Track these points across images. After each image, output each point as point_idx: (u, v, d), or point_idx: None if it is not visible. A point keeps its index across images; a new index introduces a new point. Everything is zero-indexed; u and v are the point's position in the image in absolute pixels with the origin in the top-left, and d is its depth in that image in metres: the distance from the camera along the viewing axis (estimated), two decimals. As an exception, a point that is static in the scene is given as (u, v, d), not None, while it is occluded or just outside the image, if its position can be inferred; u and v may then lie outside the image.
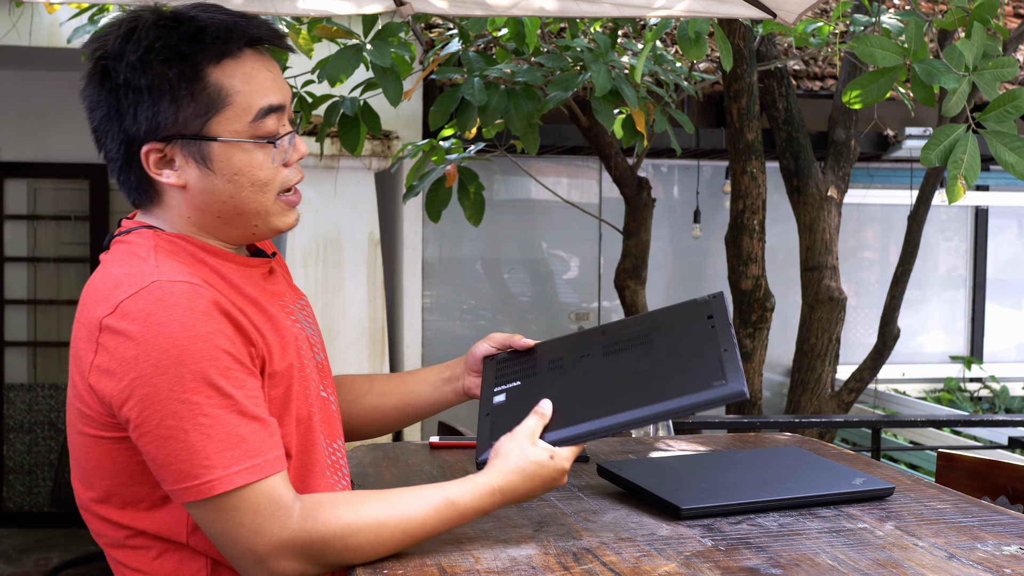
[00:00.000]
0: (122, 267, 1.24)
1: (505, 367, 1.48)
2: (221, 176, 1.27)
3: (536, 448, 1.27)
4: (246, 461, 1.17)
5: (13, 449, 5.79)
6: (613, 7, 2.60)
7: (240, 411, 1.18)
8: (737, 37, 3.87)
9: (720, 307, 1.40)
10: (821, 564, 1.17)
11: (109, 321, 1.18)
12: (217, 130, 1.26)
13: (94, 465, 1.26)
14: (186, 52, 1.24)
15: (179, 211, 1.31)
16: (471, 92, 3.01)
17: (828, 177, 4.54)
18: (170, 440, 1.16)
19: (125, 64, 1.24)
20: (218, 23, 1.26)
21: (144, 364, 1.15)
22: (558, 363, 1.42)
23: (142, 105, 1.24)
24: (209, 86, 1.25)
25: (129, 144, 1.27)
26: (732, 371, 1.27)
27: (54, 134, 5.91)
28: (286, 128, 1.32)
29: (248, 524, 1.17)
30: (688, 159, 6.09)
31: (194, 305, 1.18)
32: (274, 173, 1.30)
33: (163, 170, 1.28)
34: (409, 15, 2.54)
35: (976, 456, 1.91)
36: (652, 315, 1.46)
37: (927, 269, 6.66)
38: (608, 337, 1.43)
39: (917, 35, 2.51)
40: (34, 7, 4.70)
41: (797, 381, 4.54)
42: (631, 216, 4.40)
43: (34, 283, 5.97)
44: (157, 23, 1.25)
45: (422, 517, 1.22)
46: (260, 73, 1.28)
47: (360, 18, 2.95)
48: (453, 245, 5.93)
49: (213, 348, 1.17)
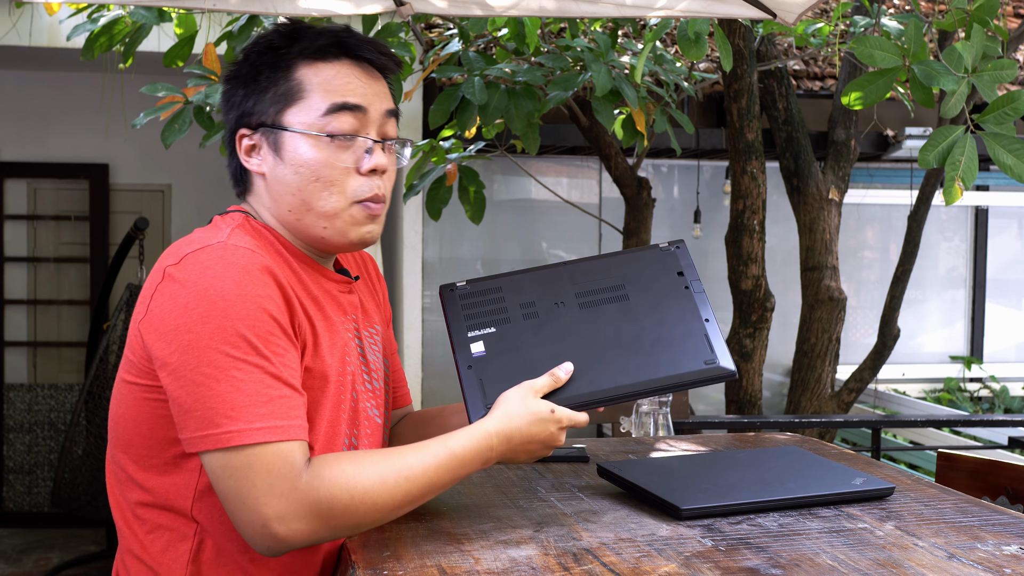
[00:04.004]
0: (203, 232, 1.31)
1: (470, 303, 1.42)
2: (289, 166, 1.33)
3: (537, 401, 1.28)
4: (270, 420, 1.18)
5: (13, 449, 5.79)
6: (613, 7, 2.60)
7: (274, 375, 1.20)
8: (737, 37, 3.88)
9: (686, 259, 1.43)
10: (821, 564, 1.17)
11: (172, 270, 1.23)
12: (289, 120, 1.32)
13: (123, 411, 1.31)
14: (278, 46, 1.34)
15: (263, 200, 1.37)
16: (471, 92, 3.01)
17: (828, 177, 4.54)
18: (201, 387, 1.18)
19: (239, 61, 1.38)
20: (321, 29, 1.36)
21: (192, 312, 1.19)
22: (530, 308, 1.39)
23: (237, 93, 1.36)
24: (293, 79, 1.33)
25: (232, 132, 1.37)
26: (719, 347, 1.34)
27: (54, 134, 5.92)
28: (367, 134, 1.34)
29: (259, 484, 1.17)
30: (688, 159, 6.09)
31: (250, 268, 1.22)
32: (340, 174, 1.33)
33: (251, 158, 1.36)
34: (409, 15, 2.55)
35: (976, 456, 1.91)
36: (618, 260, 1.45)
37: (927, 269, 6.66)
38: (578, 284, 1.41)
39: (917, 36, 2.51)
40: (34, 7, 4.70)
41: (797, 381, 4.54)
42: (631, 216, 4.40)
43: (34, 283, 5.97)
44: (276, 27, 1.38)
45: (423, 468, 1.23)
46: (348, 77, 1.34)
47: (360, 18, 2.95)
48: (453, 245, 5.93)
49: (260, 310, 1.21)
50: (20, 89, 5.86)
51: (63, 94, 5.86)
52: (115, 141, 5.76)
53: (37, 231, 5.98)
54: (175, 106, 2.92)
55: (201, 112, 2.93)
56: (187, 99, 2.92)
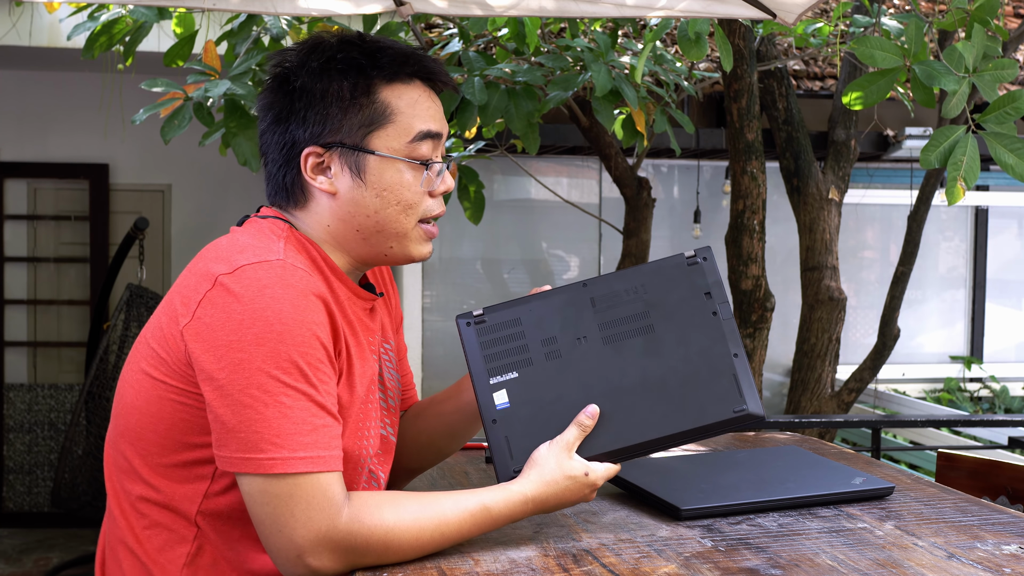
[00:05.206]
0: (252, 239, 1.29)
1: (489, 340, 1.38)
2: (371, 189, 1.33)
3: (572, 462, 1.28)
4: (313, 451, 1.19)
5: (13, 449, 5.79)
6: (613, 7, 2.60)
7: (319, 404, 1.21)
8: (737, 37, 3.87)
9: (715, 277, 1.37)
10: (821, 564, 1.17)
11: (225, 280, 1.22)
12: (376, 144, 1.32)
13: (141, 404, 1.29)
14: (363, 66, 1.32)
15: (320, 217, 1.35)
16: (471, 92, 3.01)
17: (828, 177, 4.54)
18: (248, 408, 1.18)
19: (306, 71, 1.32)
20: (398, 49, 1.35)
21: (247, 331, 1.19)
22: (552, 345, 1.36)
23: (312, 109, 1.32)
24: (377, 102, 1.32)
25: (292, 146, 1.33)
26: (748, 389, 1.31)
27: (54, 134, 5.91)
28: (438, 157, 1.37)
29: (299, 515, 1.18)
30: (688, 159, 6.09)
31: (307, 292, 1.22)
32: (419, 197, 1.35)
33: (318, 176, 1.33)
34: (409, 15, 2.55)
35: (976, 456, 1.91)
36: (641, 279, 1.39)
37: (927, 269, 6.66)
38: (601, 313, 1.37)
39: (917, 36, 2.51)
40: (34, 7, 4.70)
41: (797, 381, 4.54)
42: (631, 216, 4.40)
43: (34, 283, 5.97)
44: (342, 40, 1.35)
45: (459, 520, 1.24)
46: (425, 101, 1.35)
47: (360, 17, 2.95)
48: (453, 245, 5.93)
49: (312, 337, 1.21)
50: (20, 89, 5.86)
51: (63, 94, 5.86)
52: (115, 141, 5.76)
53: (37, 231, 5.98)
54: (175, 103, 2.91)
55: (201, 108, 2.92)
56: (187, 95, 2.91)
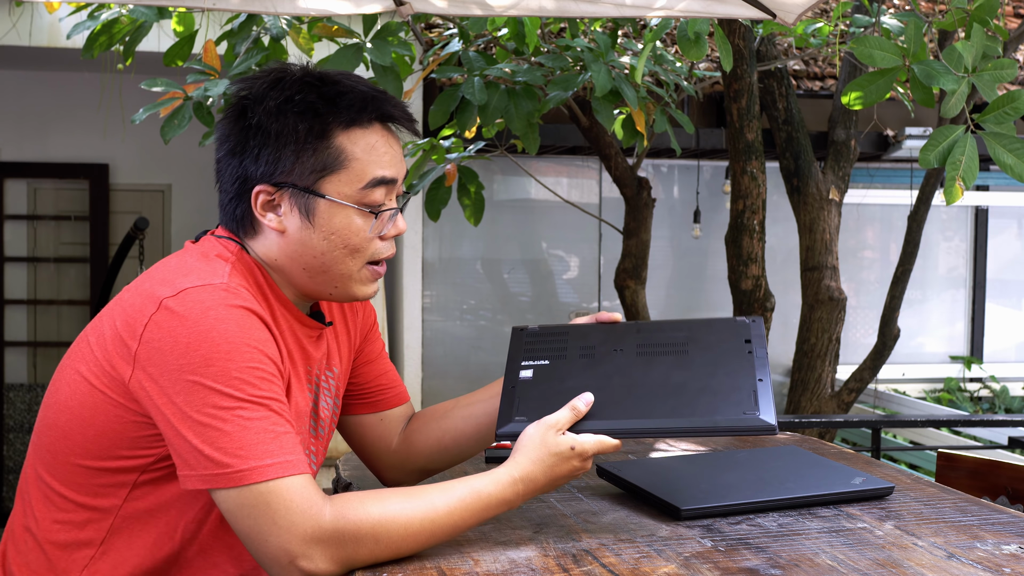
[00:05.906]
0: (199, 261, 1.31)
1: (534, 342, 1.46)
2: (319, 232, 1.33)
3: (558, 439, 1.28)
4: (280, 456, 1.19)
5: (13, 449, 5.79)
6: (613, 7, 2.60)
7: (277, 412, 1.22)
8: (737, 37, 3.87)
9: (759, 332, 1.41)
10: (821, 564, 1.17)
11: (170, 303, 1.23)
12: (327, 189, 1.32)
13: (75, 406, 1.29)
14: (320, 111, 1.32)
15: (268, 250, 1.37)
16: (471, 92, 3.01)
17: (828, 177, 4.54)
18: (208, 428, 1.19)
19: (263, 108, 1.32)
20: (357, 93, 1.34)
21: (194, 354, 1.20)
22: (589, 351, 1.41)
23: (266, 148, 1.32)
24: (332, 147, 1.32)
25: (244, 180, 1.34)
26: (765, 403, 1.30)
27: (54, 134, 5.91)
28: (392, 203, 1.38)
29: (281, 521, 1.18)
30: (688, 159, 6.09)
31: (250, 314, 1.25)
32: (367, 242, 1.36)
33: (268, 213, 1.34)
34: (409, 15, 2.55)
35: (976, 456, 1.91)
36: (689, 324, 1.46)
37: (927, 269, 6.66)
38: (643, 336, 1.43)
39: (917, 36, 2.51)
40: (34, 7, 4.70)
41: (797, 381, 4.54)
42: (631, 216, 4.40)
43: (34, 283, 5.97)
44: (303, 79, 1.34)
45: (448, 508, 1.23)
46: (382, 147, 1.35)
47: (360, 17, 2.95)
48: (453, 245, 5.93)
49: (261, 354, 1.23)
50: (20, 89, 5.86)
51: (63, 94, 5.86)
52: (115, 141, 5.76)
53: (37, 231, 5.98)
54: (175, 103, 2.91)
55: (201, 108, 2.92)
56: (187, 95, 2.91)
